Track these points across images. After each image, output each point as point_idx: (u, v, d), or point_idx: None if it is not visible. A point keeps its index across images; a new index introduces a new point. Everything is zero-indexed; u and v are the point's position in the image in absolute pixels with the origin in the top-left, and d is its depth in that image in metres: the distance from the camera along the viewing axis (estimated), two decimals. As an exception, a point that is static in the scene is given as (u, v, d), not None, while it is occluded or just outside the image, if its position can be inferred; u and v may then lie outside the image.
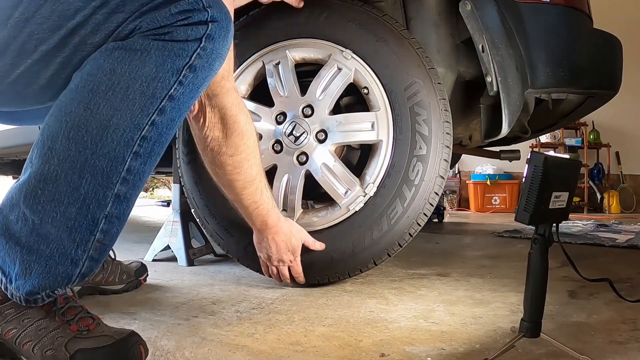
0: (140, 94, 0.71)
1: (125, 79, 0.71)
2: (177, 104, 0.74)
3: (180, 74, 0.72)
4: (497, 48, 1.33)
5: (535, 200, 0.75)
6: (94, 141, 0.71)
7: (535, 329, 0.80)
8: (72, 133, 0.71)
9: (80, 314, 0.81)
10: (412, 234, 1.30)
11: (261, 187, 1.17)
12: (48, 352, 0.76)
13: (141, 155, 0.74)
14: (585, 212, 5.03)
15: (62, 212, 0.73)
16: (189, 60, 0.72)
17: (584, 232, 2.84)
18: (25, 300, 0.76)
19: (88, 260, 0.76)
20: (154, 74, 0.71)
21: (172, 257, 1.75)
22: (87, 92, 0.71)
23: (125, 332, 0.80)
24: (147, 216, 4.01)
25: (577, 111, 1.66)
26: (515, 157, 2.09)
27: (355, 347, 0.90)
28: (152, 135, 0.74)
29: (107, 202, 0.74)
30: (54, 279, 0.75)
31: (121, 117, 0.71)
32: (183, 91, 0.74)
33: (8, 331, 0.78)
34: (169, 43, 0.71)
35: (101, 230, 0.75)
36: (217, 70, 0.78)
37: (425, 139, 1.27)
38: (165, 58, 0.71)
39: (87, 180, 0.72)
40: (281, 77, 1.38)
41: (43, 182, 0.73)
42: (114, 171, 0.73)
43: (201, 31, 0.72)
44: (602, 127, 5.32)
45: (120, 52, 0.71)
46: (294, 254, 1.28)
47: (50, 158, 0.72)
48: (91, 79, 0.71)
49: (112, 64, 0.71)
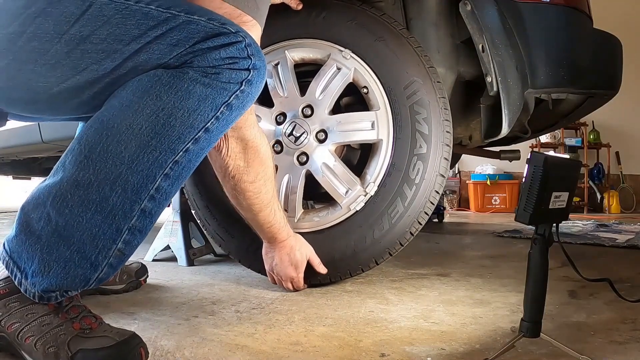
0: (181, 122, 0.76)
1: (170, 106, 0.75)
2: (210, 135, 0.80)
3: (218, 110, 0.78)
4: (497, 48, 1.33)
5: (535, 200, 0.75)
6: (131, 158, 0.75)
7: (535, 329, 0.80)
8: (111, 147, 0.75)
9: (83, 313, 0.83)
10: (413, 233, 1.30)
11: (275, 208, 1.22)
12: (50, 349, 0.77)
13: (171, 177, 0.79)
14: (585, 212, 5.03)
15: (88, 218, 0.76)
16: (228, 99, 0.78)
17: (584, 232, 2.84)
18: (39, 297, 0.78)
19: (107, 267, 0.79)
20: (196, 106, 0.76)
21: (172, 257, 1.75)
22: (132, 112, 0.75)
23: (126, 333, 0.81)
24: (147, 216, 4.00)
25: (577, 111, 1.66)
26: (515, 157, 2.09)
27: (355, 347, 0.90)
28: (183, 161, 0.79)
29: (133, 215, 0.77)
30: (71, 280, 0.78)
31: (160, 141, 0.76)
32: (218, 125, 0.80)
33: (11, 324, 0.79)
34: (214, 81, 0.77)
35: (123, 241, 0.78)
36: (247, 109, 0.85)
37: (425, 138, 1.27)
38: (208, 94, 0.77)
39: (118, 192, 0.76)
40: (281, 78, 1.38)
41: (75, 188, 0.76)
42: (144, 188, 0.77)
43: (243, 76, 0.78)
44: (602, 127, 5.32)
45: (168, 80, 0.76)
46: (297, 269, 1.29)
47: (86, 166, 0.76)
48: (137, 100, 0.76)
49: (159, 91, 0.75)
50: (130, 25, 0.75)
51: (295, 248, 1.28)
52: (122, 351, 0.78)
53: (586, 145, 5.20)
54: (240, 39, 0.77)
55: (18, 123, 2.19)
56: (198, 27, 0.76)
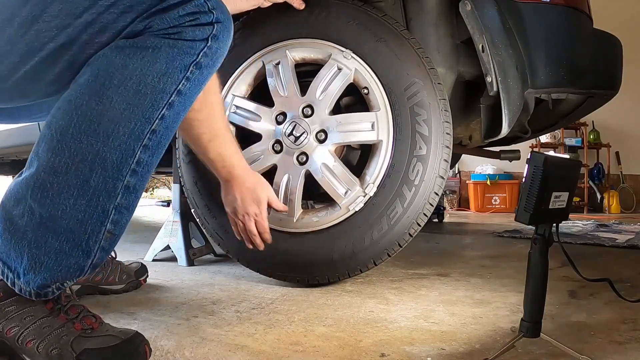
0: (151, 89, 0.74)
1: (137, 73, 0.73)
2: (183, 98, 0.78)
3: (188, 70, 0.76)
4: (497, 48, 1.33)
5: (535, 200, 0.75)
6: (106, 134, 0.73)
7: (535, 329, 0.80)
8: (84, 126, 0.73)
9: (83, 313, 0.82)
10: (412, 234, 1.30)
11: (228, 140, 1.15)
12: (54, 351, 0.76)
13: (150, 147, 0.77)
14: (585, 212, 5.03)
15: (72, 204, 0.74)
16: (196, 58, 0.76)
17: (584, 232, 2.84)
18: (35, 294, 0.77)
19: (99, 251, 0.78)
20: (165, 69, 0.74)
21: (172, 257, 1.75)
22: (99, 86, 0.73)
23: (129, 332, 0.80)
24: (147, 216, 4.01)
25: (577, 111, 1.66)
26: (515, 157, 2.09)
27: (355, 347, 0.90)
28: (160, 129, 0.77)
29: (117, 193, 0.76)
30: (65, 271, 0.77)
31: (133, 111, 0.74)
32: (190, 86, 0.77)
33: (9, 329, 0.77)
34: (178, 42, 0.74)
35: (111, 221, 0.77)
36: (218, 66, 0.82)
37: (425, 139, 1.27)
38: (175, 55, 0.74)
39: (98, 172, 0.74)
40: (281, 77, 1.38)
41: (53, 175, 0.73)
42: (124, 163, 0.75)
43: (207, 31, 0.76)
44: (602, 127, 5.32)
45: (131, 49, 0.73)
46: (259, 206, 1.23)
47: (60, 151, 0.73)
48: (103, 74, 0.73)
49: (124, 60, 0.73)
50: None
51: (256, 184, 1.23)
52: (128, 349, 0.77)
53: (586, 145, 5.20)
54: None
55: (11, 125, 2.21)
56: None
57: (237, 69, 1.43)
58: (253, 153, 1.40)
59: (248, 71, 1.44)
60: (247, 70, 1.43)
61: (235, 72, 1.43)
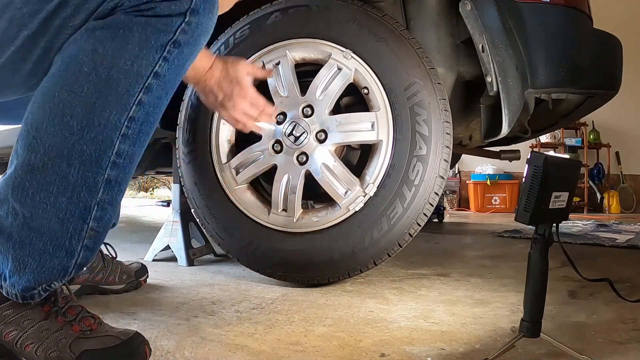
0: (124, 73, 0.69)
1: (108, 58, 0.69)
2: (163, 81, 0.73)
3: (164, 50, 0.71)
4: (497, 48, 1.33)
5: (535, 200, 0.75)
6: (80, 126, 0.69)
7: (535, 329, 0.80)
8: (57, 119, 0.69)
9: (82, 314, 0.80)
10: (412, 234, 1.30)
11: None
12: (52, 354, 0.75)
13: (129, 137, 0.72)
14: (585, 212, 5.03)
15: (52, 202, 0.71)
16: (173, 35, 0.71)
17: (584, 232, 2.84)
18: (21, 297, 0.75)
19: (83, 250, 0.75)
20: (138, 51, 0.69)
21: (172, 257, 1.75)
22: (70, 75, 0.69)
23: (129, 332, 0.79)
24: (147, 216, 4.01)
25: (577, 111, 1.66)
26: (515, 157, 2.09)
27: (355, 347, 0.90)
28: (139, 116, 0.72)
29: (98, 188, 0.72)
30: (49, 273, 0.74)
31: (107, 99, 0.69)
32: (169, 67, 0.72)
33: (8, 333, 0.76)
34: (152, 19, 0.69)
35: (94, 218, 0.74)
36: (203, 45, 0.76)
37: (425, 139, 1.27)
38: (148, 34, 0.69)
39: (76, 167, 0.70)
40: (281, 77, 1.38)
41: (30, 174, 0.71)
42: (103, 156, 0.71)
43: (185, 5, 0.71)
44: (602, 127, 5.32)
45: (101, 31, 0.69)
46: (239, 84, 1.12)
47: (35, 147, 0.70)
48: (73, 62, 0.70)
49: (94, 44, 0.69)
50: None
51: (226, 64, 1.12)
52: (128, 350, 0.76)
53: (586, 145, 5.20)
54: None
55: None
56: None
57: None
58: (253, 153, 1.40)
59: (248, 71, 1.43)
60: (247, 70, 1.43)
61: (235, 72, 1.43)
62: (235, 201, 1.41)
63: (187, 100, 1.50)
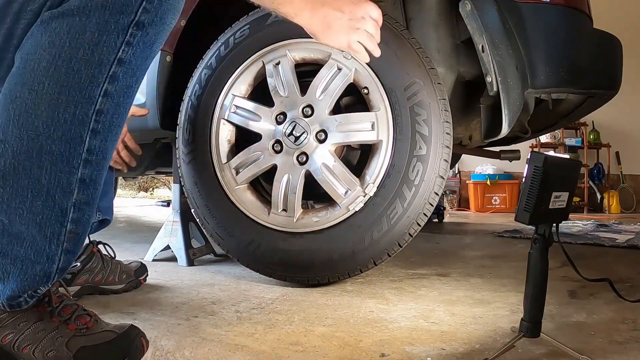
0: (85, 63, 0.65)
1: (66, 49, 0.65)
2: (129, 67, 0.68)
3: (127, 33, 0.66)
4: (497, 48, 1.33)
5: (535, 200, 0.75)
6: (45, 125, 0.66)
7: (535, 329, 0.80)
8: (21, 120, 0.66)
9: (77, 312, 0.80)
10: (412, 234, 1.30)
11: None
12: (50, 354, 0.75)
13: (100, 131, 0.69)
14: (585, 212, 5.03)
15: (28, 207, 0.68)
16: (135, 16, 0.66)
17: (584, 232, 2.84)
18: (8, 305, 0.74)
19: (64, 254, 0.73)
20: (97, 38, 0.65)
21: (172, 257, 1.75)
22: (29, 72, 0.66)
23: (124, 326, 0.79)
24: (147, 216, 4.01)
25: (577, 111, 1.66)
26: (515, 157, 2.09)
27: (355, 347, 0.90)
28: (108, 108, 0.68)
29: (72, 188, 0.69)
30: (32, 280, 0.72)
31: (70, 93, 0.66)
32: (133, 52, 0.68)
33: (4, 336, 0.76)
34: (109, 2, 0.64)
35: (72, 220, 0.71)
36: (170, 24, 0.71)
37: (425, 139, 1.27)
38: (107, 18, 0.65)
39: (47, 169, 0.67)
40: (281, 77, 1.38)
41: (2, 179, 0.68)
42: (73, 154, 0.68)
43: None
44: (602, 127, 5.33)
45: (57, 21, 0.65)
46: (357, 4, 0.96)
47: (4, 152, 0.67)
48: (31, 58, 0.66)
49: (50, 36, 0.65)
50: None
51: None
52: (124, 343, 0.76)
53: (586, 145, 5.20)
54: None
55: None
56: None
57: (237, 69, 1.43)
58: (253, 153, 1.40)
59: (248, 71, 1.44)
60: (247, 70, 1.43)
61: (235, 72, 1.43)
62: (235, 201, 1.41)
63: (187, 100, 1.50)
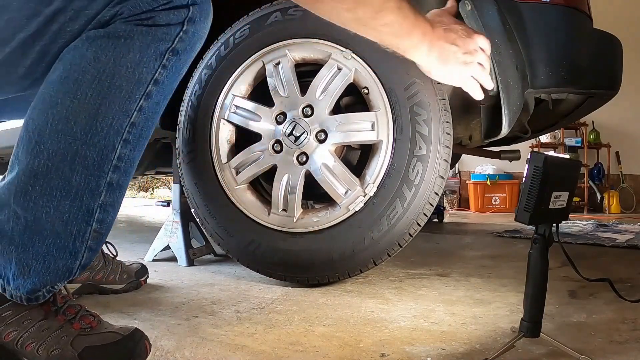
0: (126, 80, 0.71)
1: (110, 66, 0.71)
2: (161, 87, 0.75)
3: (164, 57, 0.73)
4: (497, 48, 1.33)
5: (535, 200, 0.75)
6: (83, 132, 0.71)
7: (535, 329, 0.80)
8: (60, 125, 0.71)
9: (81, 312, 0.82)
10: (412, 234, 1.30)
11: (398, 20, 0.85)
12: (54, 352, 0.75)
13: (130, 141, 0.75)
14: (585, 212, 5.03)
15: (55, 206, 0.73)
16: (172, 44, 0.73)
17: (584, 232, 2.84)
18: (26, 299, 0.76)
19: (87, 251, 0.77)
20: (139, 59, 0.71)
21: (172, 257, 1.75)
22: (72, 82, 0.71)
23: (129, 328, 0.81)
24: (147, 216, 4.01)
25: (577, 111, 1.66)
26: (515, 157, 2.09)
27: (355, 347, 0.90)
28: (140, 121, 0.74)
29: (100, 191, 0.74)
30: (54, 274, 0.76)
31: (109, 105, 0.71)
32: (167, 74, 0.75)
33: (8, 334, 0.77)
34: (152, 28, 0.71)
35: (97, 220, 0.75)
36: (197, 51, 0.78)
37: (425, 139, 1.27)
38: (149, 43, 0.71)
39: (79, 171, 0.72)
40: (281, 77, 1.38)
41: (34, 178, 0.72)
42: (105, 160, 0.73)
43: (183, 15, 0.73)
44: (602, 127, 5.33)
45: (103, 39, 0.71)
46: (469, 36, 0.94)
47: (39, 152, 0.72)
48: (75, 69, 0.71)
49: (96, 52, 0.70)
50: None
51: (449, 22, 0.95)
52: (128, 345, 0.78)
53: (586, 145, 5.21)
54: None
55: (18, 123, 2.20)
56: None
57: (237, 69, 1.43)
58: (253, 153, 1.40)
59: (248, 71, 1.44)
60: (247, 70, 1.44)
61: (235, 72, 1.43)
62: (235, 201, 1.41)
63: (187, 100, 1.50)
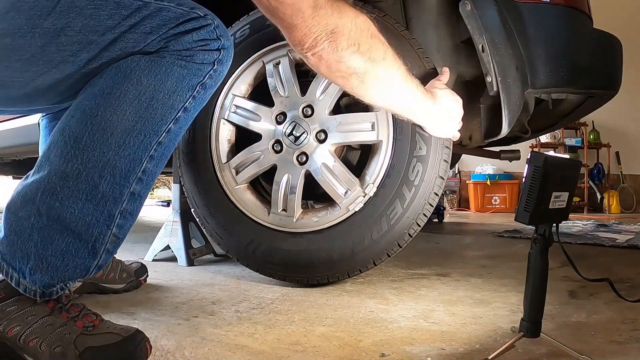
0: (162, 104, 0.80)
1: (150, 89, 0.79)
2: (188, 115, 0.84)
3: (194, 90, 0.83)
4: (497, 48, 1.33)
5: (535, 200, 0.75)
6: (118, 144, 0.78)
7: (535, 329, 0.80)
8: (97, 135, 0.77)
9: (84, 311, 0.83)
10: (411, 234, 1.30)
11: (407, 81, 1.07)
12: (57, 349, 0.77)
13: (155, 158, 0.82)
14: (585, 212, 5.03)
15: (80, 208, 0.78)
16: (203, 79, 0.83)
17: (584, 232, 2.84)
18: (41, 293, 0.79)
19: (104, 253, 0.82)
20: (175, 87, 0.81)
21: (172, 257, 1.75)
22: (115, 98, 0.78)
23: (130, 329, 0.82)
24: (147, 216, 4.01)
25: (577, 111, 1.66)
26: (515, 157, 2.09)
27: (355, 347, 0.90)
28: (166, 141, 0.83)
29: (123, 199, 0.80)
30: (72, 271, 0.80)
31: (144, 124, 0.79)
32: (194, 104, 0.84)
33: (11, 329, 0.78)
34: (189, 63, 0.81)
35: (117, 225, 0.81)
36: (216, 87, 0.89)
37: (425, 140, 1.27)
38: (185, 75, 0.81)
39: (107, 179, 0.78)
40: (281, 77, 1.38)
41: (63, 180, 0.77)
42: (132, 171, 0.80)
43: (215, 56, 0.83)
44: (602, 127, 5.32)
45: (147, 64, 0.79)
46: None
47: (73, 157, 0.77)
48: (118, 87, 0.78)
49: (139, 75, 0.79)
50: (103, 15, 0.76)
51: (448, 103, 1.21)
52: (130, 346, 0.79)
53: (586, 145, 5.20)
54: (210, 21, 0.82)
55: (18, 123, 2.21)
56: (169, 13, 0.79)
57: (237, 69, 1.43)
58: (253, 153, 1.40)
59: (248, 71, 1.44)
60: (248, 70, 1.44)
61: (235, 71, 1.43)
62: (235, 201, 1.41)
63: (187, 100, 1.50)
